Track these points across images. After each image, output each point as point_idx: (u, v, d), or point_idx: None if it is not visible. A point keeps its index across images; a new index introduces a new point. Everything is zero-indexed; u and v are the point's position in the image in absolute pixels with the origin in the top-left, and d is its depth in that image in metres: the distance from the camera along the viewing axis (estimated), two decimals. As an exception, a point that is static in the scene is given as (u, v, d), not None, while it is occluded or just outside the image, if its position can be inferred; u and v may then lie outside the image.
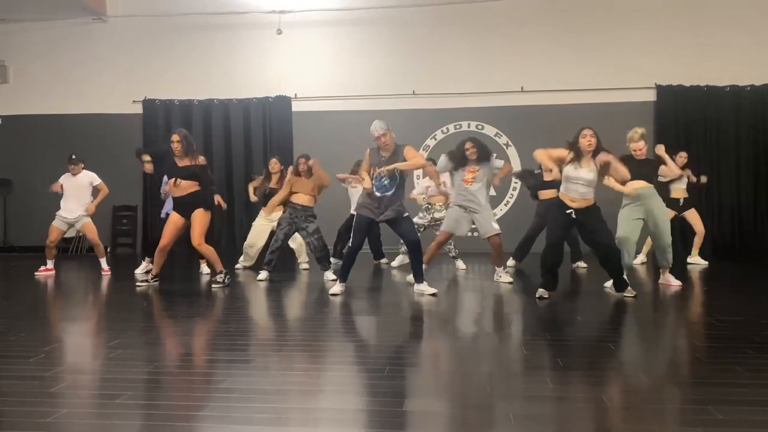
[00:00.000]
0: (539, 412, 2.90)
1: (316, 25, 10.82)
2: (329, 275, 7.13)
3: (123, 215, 11.07)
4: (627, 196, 6.20)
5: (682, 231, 8.55)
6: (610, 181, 5.97)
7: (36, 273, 7.88)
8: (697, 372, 3.60)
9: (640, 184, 6.14)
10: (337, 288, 6.06)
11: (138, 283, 6.77)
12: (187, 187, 6.47)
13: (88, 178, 8.09)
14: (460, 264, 8.03)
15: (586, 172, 5.52)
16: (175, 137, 6.46)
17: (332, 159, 8.85)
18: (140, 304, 5.93)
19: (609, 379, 3.43)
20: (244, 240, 8.36)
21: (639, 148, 6.28)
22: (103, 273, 7.92)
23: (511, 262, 8.00)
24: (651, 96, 10.20)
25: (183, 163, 6.49)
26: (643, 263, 8.30)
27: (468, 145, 6.72)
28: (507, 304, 5.84)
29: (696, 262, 8.28)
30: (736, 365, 3.56)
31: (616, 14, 10.22)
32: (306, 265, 8.18)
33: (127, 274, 7.79)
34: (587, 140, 5.50)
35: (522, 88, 10.30)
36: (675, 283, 6.30)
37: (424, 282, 6.06)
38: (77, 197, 8.02)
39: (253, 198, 8.38)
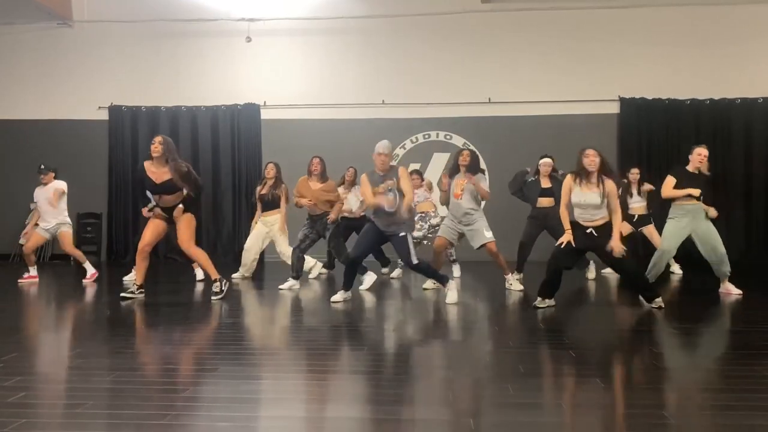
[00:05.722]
0: (501, 419, 2.95)
1: (286, 33, 10.82)
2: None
3: (88, 223, 10.87)
4: (677, 208, 6.32)
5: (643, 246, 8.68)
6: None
7: (20, 281, 7.61)
8: (651, 378, 3.70)
9: (693, 201, 6.32)
10: (338, 296, 6.04)
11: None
12: (172, 199, 6.21)
13: (57, 187, 7.82)
14: (456, 270, 7.97)
15: (592, 196, 5.42)
16: (157, 138, 6.14)
17: (301, 167, 8.80)
18: (104, 312, 5.84)
19: (567, 385, 3.51)
20: (213, 248, 8.26)
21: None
22: (88, 278, 7.73)
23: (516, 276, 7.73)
24: (615, 108, 10.42)
25: (161, 177, 6.09)
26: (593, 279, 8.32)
27: (464, 153, 6.78)
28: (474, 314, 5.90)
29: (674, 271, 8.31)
30: (692, 370, 3.66)
31: (582, 28, 10.44)
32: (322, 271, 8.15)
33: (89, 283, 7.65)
34: (590, 159, 5.42)
35: (489, 99, 10.44)
36: (735, 292, 6.35)
37: (450, 285, 6.01)
38: (50, 207, 7.79)
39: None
